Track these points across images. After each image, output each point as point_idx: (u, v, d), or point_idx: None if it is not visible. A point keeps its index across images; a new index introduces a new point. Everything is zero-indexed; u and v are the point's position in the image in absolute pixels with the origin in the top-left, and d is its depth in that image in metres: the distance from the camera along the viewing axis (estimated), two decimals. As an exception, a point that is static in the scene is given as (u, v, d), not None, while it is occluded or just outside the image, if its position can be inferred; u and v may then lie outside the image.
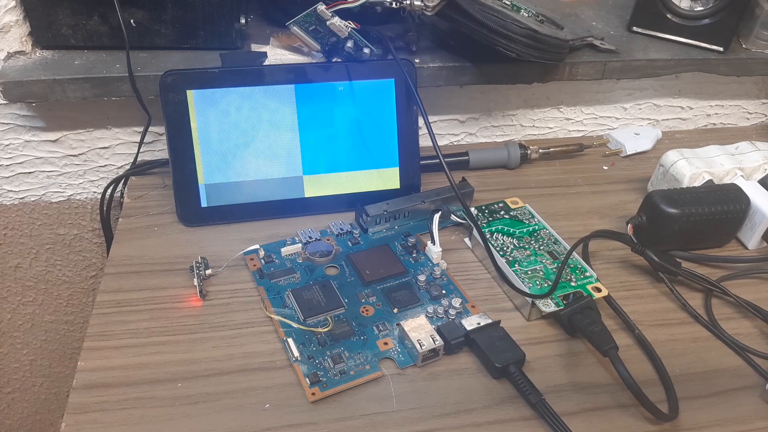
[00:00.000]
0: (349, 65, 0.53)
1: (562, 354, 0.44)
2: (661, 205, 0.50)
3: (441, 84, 0.59)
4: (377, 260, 0.49)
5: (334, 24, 0.50)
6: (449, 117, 0.67)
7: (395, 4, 0.52)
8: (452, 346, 0.42)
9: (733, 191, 0.52)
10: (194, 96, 0.49)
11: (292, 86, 0.51)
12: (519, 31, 0.52)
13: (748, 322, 0.48)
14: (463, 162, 0.61)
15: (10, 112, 0.56)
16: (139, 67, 0.53)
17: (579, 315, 0.44)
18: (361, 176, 0.54)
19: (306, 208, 0.54)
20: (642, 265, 0.51)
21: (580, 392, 0.41)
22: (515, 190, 0.60)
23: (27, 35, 0.53)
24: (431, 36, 0.61)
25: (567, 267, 0.48)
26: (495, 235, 0.51)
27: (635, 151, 0.67)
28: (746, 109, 0.75)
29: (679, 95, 0.72)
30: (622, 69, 0.63)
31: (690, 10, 0.64)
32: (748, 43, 0.67)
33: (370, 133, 0.54)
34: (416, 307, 0.46)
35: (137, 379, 0.40)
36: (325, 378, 0.40)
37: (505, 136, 0.70)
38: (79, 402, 0.38)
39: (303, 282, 0.47)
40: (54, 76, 0.51)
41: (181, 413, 0.38)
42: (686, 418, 0.40)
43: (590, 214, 0.58)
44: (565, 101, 0.69)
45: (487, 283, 0.49)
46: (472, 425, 0.39)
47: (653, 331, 0.46)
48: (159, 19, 0.53)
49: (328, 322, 0.44)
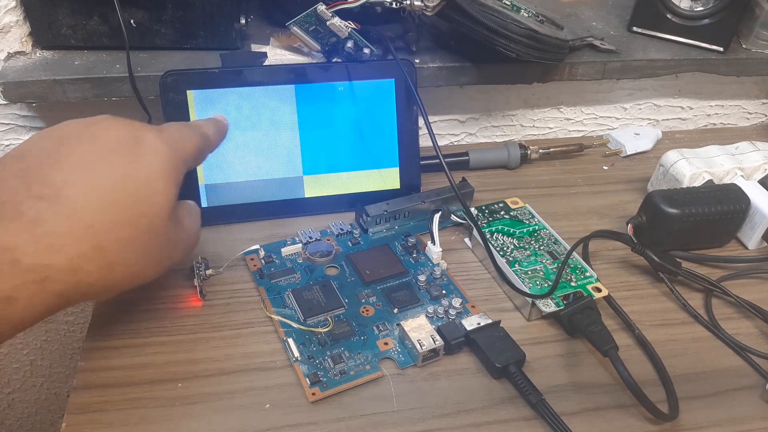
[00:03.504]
0: (349, 65, 0.53)
1: (562, 354, 0.44)
2: (661, 205, 0.50)
3: (441, 84, 0.59)
4: (377, 260, 0.49)
5: (334, 24, 0.50)
6: (449, 117, 0.67)
7: (395, 4, 0.52)
8: (452, 346, 0.42)
9: (733, 191, 0.52)
10: (194, 96, 0.50)
11: (292, 86, 0.51)
12: (519, 31, 0.52)
13: (748, 322, 0.48)
14: (463, 162, 0.61)
15: (11, 113, 0.56)
16: (139, 67, 0.53)
17: (579, 315, 0.44)
18: (361, 176, 0.54)
19: (306, 208, 0.54)
20: (642, 265, 0.51)
21: (580, 392, 0.41)
22: (515, 190, 0.60)
23: (27, 35, 0.53)
24: (431, 36, 0.61)
25: (567, 267, 0.48)
26: (495, 235, 0.51)
27: (635, 151, 0.67)
28: (746, 109, 0.75)
29: (679, 95, 0.72)
30: (622, 69, 0.63)
31: (690, 10, 0.64)
32: (748, 43, 0.67)
33: (370, 133, 0.54)
34: (416, 307, 0.46)
35: (137, 379, 0.40)
36: (325, 378, 0.40)
37: (505, 136, 0.70)
38: (79, 402, 0.38)
39: (303, 282, 0.47)
40: (54, 76, 0.51)
41: (181, 413, 0.38)
42: (686, 418, 0.40)
43: (590, 214, 0.58)
44: (565, 101, 0.69)
45: (487, 283, 0.49)
46: (472, 425, 0.39)
47: (653, 331, 0.46)
48: (159, 20, 0.53)
49: (328, 322, 0.44)
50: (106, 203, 0.32)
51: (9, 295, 0.29)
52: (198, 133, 0.39)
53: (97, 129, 0.34)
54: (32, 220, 0.30)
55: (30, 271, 0.30)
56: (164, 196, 0.35)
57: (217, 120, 0.43)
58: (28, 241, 0.30)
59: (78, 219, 0.31)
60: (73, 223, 0.31)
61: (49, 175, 0.32)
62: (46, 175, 0.32)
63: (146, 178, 0.34)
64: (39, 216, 0.30)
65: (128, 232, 0.33)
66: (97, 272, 0.32)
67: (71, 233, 0.31)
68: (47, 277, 0.30)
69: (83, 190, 0.32)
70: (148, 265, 0.35)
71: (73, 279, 0.31)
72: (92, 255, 0.31)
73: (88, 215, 0.31)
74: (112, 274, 0.33)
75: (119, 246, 0.33)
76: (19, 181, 0.31)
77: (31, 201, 0.31)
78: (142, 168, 0.34)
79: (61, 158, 0.32)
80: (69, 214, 0.31)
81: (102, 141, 0.34)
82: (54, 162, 0.32)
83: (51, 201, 0.31)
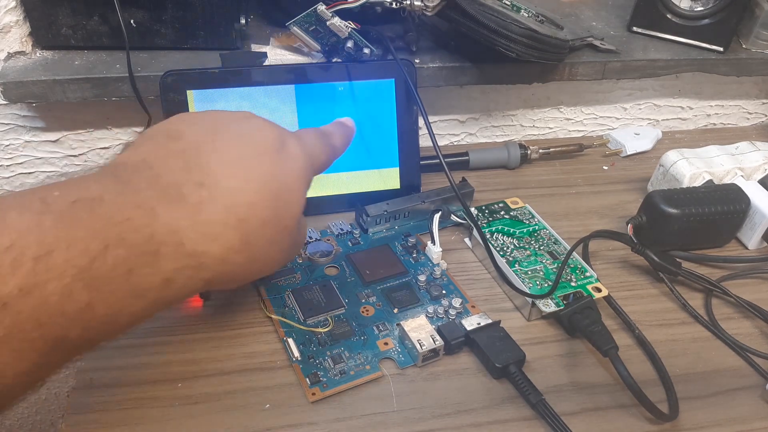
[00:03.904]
0: (349, 65, 0.53)
1: (562, 354, 0.44)
2: (661, 205, 0.50)
3: (441, 84, 0.59)
4: (377, 260, 0.49)
5: (334, 24, 0.50)
6: (449, 117, 0.67)
7: (395, 4, 0.53)
8: (452, 346, 0.42)
9: (733, 191, 0.52)
10: (194, 96, 0.50)
11: (292, 86, 0.51)
12: (519, 31, 0.52)
13: (748, 322, 0.48)
14: (463, 162, 0.61)
15: (11, 113, 0.56)
16: (139, 67, 0.53)
17: (579, 315, 0.44)
18: (361, 176, 0.54)
19: (306, 208, 0.53)
20: (642, 265, 0.51)
21: (580, 392, 0.41)
22: (515, 190, 0.60)
23: (27, 35, 0.53)
24: (431, 36, 0.61)
25: (567, 267, 0.48)
26: (495, 235, 0.51)
27: (635, 151, 0.67)
28: (746, 109, 0.75)
29: (679, 95, 0.72)
30: (622, 69, 0.63)
31: (690, 10, 0.64)
32: (748, 43, 0.67)
33: (370, 133, 0.54)
34: (416, 307, 0.46)
35: (137, 379, 0.40)
36: (325, 378, 0.40)
37: (505, 136, 0.70)
38: (79, 402, 0.38)
39: (303, 282, 0.47)
40: (54, 76, 0.51)
41: (181, 413, 0.38)
42: (686, 418, 0.40)
43: (590, 214, 0.58)
44: (565, 101, 0.69)
45: (487, 283, 0.49)
46: (472, 425, 0.39)
47: (653, 331, 0.46)
48: (159, 20, 0.53)
49: (328, 322, 0.44)
50: (258, 200, 0.33)
51: (169, 277, 0.30)
52: (329, 144, 0.40)
53: (249, 126, 0.35)
54: (194, 205, 0.30)
55: (190, 256, 0.30)
56: (300, 201, 0.36)
57: (346, 127, 0.43)
58: (190, 227, 0.30)
59: (234, 211, 0.32)
60: (229, 214, 0.31)
61: (209, 163, 0.32)
62: (205, 162, 0.32)
63: (289, 181, 0.35)
64: (201, 202, 0.31)
65: (271, 230, 0.34)
66: (243, 265, 0.33)
67: (227, 224, 0.31)
68: (202, 264, 0.31)
69: (240, 183, 0.32)
70: (277, 261, 0.36)
71: (221, 268, 0.32)
72: (240, 248, 0.32)
73: (243, 209, 0.32)
74: (252, 267, 0.34)
75: (263, 242, 0.33)
76: (180, 163, 0.31)
77: (193, 186, 0.31)
78: (285, 171, 0.34)
79: (218, 148, 0.33)
80: (227, 204, 0.31)
81: (254, 139, 0.34)
82: (211, 150, 0.32)
83: (211, 189, 0.31)
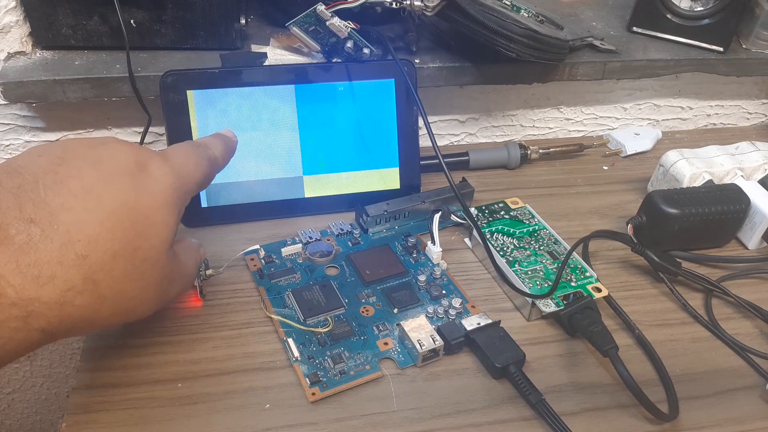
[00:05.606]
0: (349, 65, 0.53)
1: (562, 354, 0.44)
2: (661, 205, 0.50)
3: (441, 84, 0.59)
4: (377, 260, 0.49)
5: (334, 24, 0.50)
6: (449, 117, 0.67)
7: (395, 4, 0.53)
8: (452, 346, 0.42)
9: (733, 191, 0.52)
10: (194, 96, 0.50)
11: (292, 86, 0.51)
12: (519, 32, 0.52)
13: (748, 322, 0.48)
14: (463, 162, 0.61)
15: (11, 113, 0.56)
16: (140, 67, 0.53)
17: (579, 315, 0.44)
18: (361, 176, 0.54)
19: (306, 208, 0.54)
20: (642, 265, 0.51)
21: (580, 392, 0.41)
22: (515, 190, 0.60)
23: (27, 35, 0.53)
24: (431, 36, 0.61)
25: (567, 267, 0.48)
26: (495, 235, 0.51)
27: (635, 151, 0.67)
28: (746, 109, 0.75)
29: (679, 95, 0.72)
30: (622, 69, 0.63)
31: (690, 10, 0.64)
32: (748, 43, 0.67)
33: (370, 133, 0.54)
34: (416, 307, 0.46)
35: (137, 379, 0.40)
36: (325, 378, 0.40)
37: (505, 136, 0.70)
38: (79, 402, 0.38)
39: (303, 282, 0.47)
40: (54, 76, 0.51)
41: (181, 413, 0.38)
42: (686, 418, 0.40)
43: (590, 214, 0.58)
44: (565, 101, 0.69)
45: (487, 283, 0.49)
46: (472, 425, 0.39)
47: (653, 331, 0.46)
48: (159, 20, 0.53)
49: (328, 322, 0.44)
50: (101, 231, 0.30)
51: None
52: (206, 157, 0.37)
53: (102, 152, 0.32)
54: (21, 246, 0.27)
55: (14, 305, 0.27)
56: (164, 228, 0.33)
57: (226, 138, 0.41)
58: (14, 271, 0.27)
59: (72, 247, 0.29)
60: (66, 251, 0.28)
61: (45, 197, 0.29)
62: (42, 196, 0.29)
63: (147, 208, 0.32)
64: (29, 242, 0.28)
65: (123, 265, 0.31)
66: (86, 307, 0.30)
67: (62, 263, 0.28)
68: (32, 312, 0.28)
69: (80, 216, 0.29)
70: (142, 301, 0.33)
71: (59, 314, 0.29)
72: (82, 288, 0.29)
73: (82, 244, 0.29)
74: (101, 309, 0.31)
75: (112, 279, 0.30)
76: (10, 200, 0.28)
77: (22, 224, 0.28)
78: (143, 197, 0.32)
79: (61, 179, 0.30)
80: (63, 241, 0.28)
81: (106, 165, 0.31)
82: (51, 183, 0.29)
83: (44, 226, 0.28)
